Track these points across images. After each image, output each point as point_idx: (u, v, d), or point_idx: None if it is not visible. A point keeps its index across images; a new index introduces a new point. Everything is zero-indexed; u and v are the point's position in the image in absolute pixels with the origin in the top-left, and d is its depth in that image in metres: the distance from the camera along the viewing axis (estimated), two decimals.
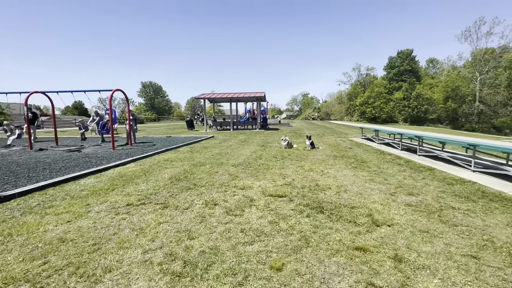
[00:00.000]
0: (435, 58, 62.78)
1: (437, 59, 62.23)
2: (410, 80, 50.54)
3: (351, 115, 56.32)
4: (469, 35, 45.84)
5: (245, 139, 12.59)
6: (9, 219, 3.14)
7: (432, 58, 63.41)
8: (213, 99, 20.14)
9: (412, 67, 52.33)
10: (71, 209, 3.44)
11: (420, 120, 49.10)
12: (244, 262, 2.17)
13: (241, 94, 19.20)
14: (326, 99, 75.90)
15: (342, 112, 58.96)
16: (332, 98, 69.74)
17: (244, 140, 12.12)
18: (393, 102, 49.87)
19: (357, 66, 61.28)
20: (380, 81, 53.89)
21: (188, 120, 20.22)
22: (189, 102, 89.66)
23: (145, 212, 3.30)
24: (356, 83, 59.36)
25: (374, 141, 10.20)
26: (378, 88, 51.26)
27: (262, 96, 18.77)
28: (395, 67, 52.57)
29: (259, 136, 14.15)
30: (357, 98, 54.41)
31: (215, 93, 20.80)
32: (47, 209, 3.45)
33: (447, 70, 51.86)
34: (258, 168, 5.78)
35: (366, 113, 51.71)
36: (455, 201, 3.56)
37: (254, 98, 19.96)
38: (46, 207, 3.52)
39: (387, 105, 50.28)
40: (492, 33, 43.88)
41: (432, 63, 64.06)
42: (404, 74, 51.57)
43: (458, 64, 48.82)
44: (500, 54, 44.19)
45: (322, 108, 67.00)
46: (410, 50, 53.19)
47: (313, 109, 69.23)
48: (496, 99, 43.35)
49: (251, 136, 14.26)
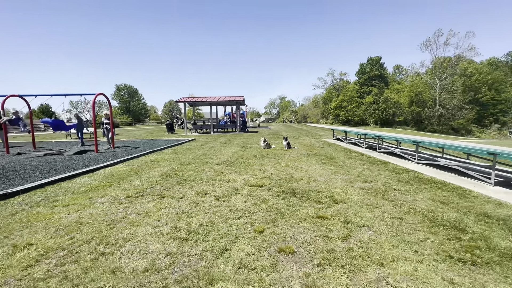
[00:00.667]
0: (401, 65, 67.80)
1: (402, 66, 67.24)
2: (379, 85, 54.05)
3: (326, 118, 58.89)
4: (429, 44, 50.27)
5: (226, 141, 13.20)
6: (21, 211, 3.53)
7: (398, 65, 68.31)
8: (193, 102, 20.50)
9: (381, 73, 56.08)
10: (76, 201, 3.88)
11: (389, 122, 52.60)
12: (234, 230, 2.84)
13: (221, 98, 19.77)
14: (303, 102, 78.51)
15: (318, 115, 61.41)
16: (308, 102, 72.35)
17: (225, 142, 12.73)
18: (365, 106, 53.06)
19: (331, 71, 64.37)
20: (352, 86, 57.04)
21: (168, 123, 20.36)
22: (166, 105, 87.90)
23: (145, 202, 3.85)
24: (331, 88, 62.24)
25: (343, 141, 11.33)
26: (351, 93, 54.28)
27: (242, 100, 19.50)
28: (366, 72, 55.99)
29: (239, 138, 14.83)
30: (332, 101, 57.12)
31: (195, 97, 21.16)
32: (53, 202, 3.86)
33: (411, 76, 56.27)
34: (241, 166, 6.47)
35: (340, 116, 54.44)
36: (398, 185, 4.52)
37: (234, 102, 20.62)
38: (52, 201, 3.93)
39: (359, 109, 53.36)
40: (448, 44, 48.50)
41: (398, 70, 69.07)
42: (374, 80, 55.05)
43: (420, 71, 53.14)
44: (456, 63, 48.83)
45: (299, 111, 69.20)
46: (379, 57, 56.91)
47: (291, 113, 71.25)
48: (453, 103, 47.74)
49: (232, 138, 14.90)
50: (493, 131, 49.82)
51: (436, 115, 48.70)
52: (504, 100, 52.02)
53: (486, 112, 51.76)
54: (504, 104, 52.03)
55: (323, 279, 1.97)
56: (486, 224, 2.86)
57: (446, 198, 3.77)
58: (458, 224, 2.88)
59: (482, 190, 4.03)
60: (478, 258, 2.21)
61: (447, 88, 48.34)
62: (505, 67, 58.63)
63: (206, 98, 19.92)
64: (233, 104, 23.00)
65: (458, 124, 48.38)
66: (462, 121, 48.06)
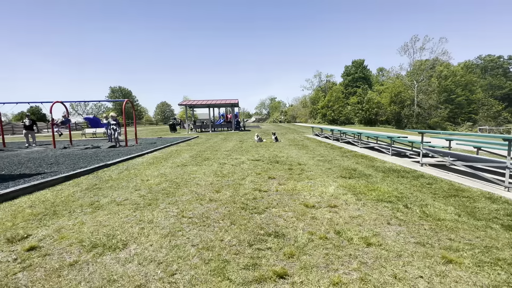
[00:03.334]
0: (384, 67, 72.09)
1: (385, 68, 71.51)
2: (363, 86, 57.77)
3: (314, 118, 62.30)
4: (407, 49, 54.36)
5: (225, 137, 15.99)
6: (125, 170, 6.21)
7: (381, 67, 72.52)
8: (194, 105, 23.14)
9: (364, 74, 59.92)
10: (149, 168, 6.59)
11: (372, 121, 56.35)
12: (245, 173, 5.66)
13: (218, 101, 22.52)
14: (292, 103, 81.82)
15: (306, 115, 64.76)
16: (297, 102, 75.70)
17: (224, 138, 15.51)
18: (350, 106, 56.70)
19: (318, 73, 67.87)
20: (338, 87, 60.65)
21: (171, 123, 22.93)
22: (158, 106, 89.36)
23: (191, 167, 6.59)
24: (318, 89, 65.72)
25: (319, 136, 14.34)
26: (336, 93, 57.83)
27: (236, 102, 22.31)
28: (350, 74, 59.69)
29: (235, 135, 17.64)
30: (319, 102, 60.55)
31: (194, 100, 23.81)
32: (136, 168, 6.55)
33: (392, 78, 60.41)
34: (242, 151, 9.29)
35: (327, 115, 57.93)
36: (340, 157, 7.46)
37: (229, 104, 23.40)
38: (134, 168, 6.61)
39: (344, 109, 56.97)
40: (424, 48, 52.60)
41: (381, 71, 73.34)
42: (359, 81, 58.77)
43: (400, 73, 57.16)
44: (431, 66, 53.00)
45: (288, 111, 72.40)
46: (362, 60, 60.71)
47: (280, 113, 74.29)
48: (429, 103, 51.85)
49: (229, 135, 17.69)
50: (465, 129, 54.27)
51: (414, 114, 52.67)
52: (476, 100, 56.86)
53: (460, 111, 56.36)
54: (476, 104, 56.88)
55: (286, 184, 4.80)
56: (369, 169, 5.79)
57: (360, 161, 6.73)
58: (355, 169, 5.80)
59: (384, 158, 7.01)
60: (351, 177, 5.11)
61: (423, 89, 52.33)
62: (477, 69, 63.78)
63: (205, 101, 22.61)
64: (229, 106, 25.76)
65: (434, 123, 52.62)
66: (437, 119, 52.33)
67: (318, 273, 2.03)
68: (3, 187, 4.44)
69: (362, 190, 4.17)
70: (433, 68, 53.32)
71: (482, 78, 62.32)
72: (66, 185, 4.97)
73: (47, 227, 3.00)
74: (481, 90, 57.94)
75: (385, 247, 2.40)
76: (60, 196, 4.22)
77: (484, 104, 56.88)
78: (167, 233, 2.81)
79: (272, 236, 2.68)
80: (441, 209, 3.28)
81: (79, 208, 3.62)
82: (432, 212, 3.17)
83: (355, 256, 2.28)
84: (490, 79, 62.76)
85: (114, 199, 4.00)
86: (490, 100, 57.25)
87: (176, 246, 2.51)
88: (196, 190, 4.45)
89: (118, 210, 3.54)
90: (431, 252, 2.30)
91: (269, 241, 2.57)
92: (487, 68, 64.92)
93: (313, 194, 4.05)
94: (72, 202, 3.89)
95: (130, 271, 2.12)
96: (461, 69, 60.44)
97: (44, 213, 3.45)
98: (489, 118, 55.56)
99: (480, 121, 55.07)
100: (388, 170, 5.66)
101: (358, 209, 3.39)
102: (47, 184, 4.83)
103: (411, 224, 2.90)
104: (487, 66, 64.92)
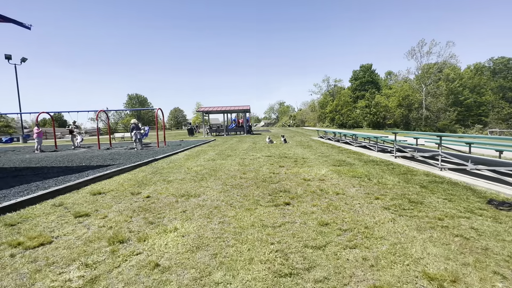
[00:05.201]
0: (392, 71, 72.79)
1: (393, 71, 72.21)
2: (371, 90, 58.80)
3: (322, 122, 63.71)
4: (414, 53, 55.22)
5: (239, 140, 18.01)
6: (170, 163, 8.25)
7: (390, 71, 73.27)
8: (209, 111, 25.39)
9: (372, 78, 60.97)
10: (187, 162, 8.61)
11: (380, 125, 57.17)
12: (261, 164, 7.58)
13: (231, 107, 24.68)
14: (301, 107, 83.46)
15: (315, 119, 66.22)
16: (306, 107, 77.27)
17: (239, 140, 17.54)
18: (358, 110, 57.80)
19: (326, 77, 69.24)
20: (346, 91, 61.91)
21: (189, 128, 25.24)
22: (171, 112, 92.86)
23: (219, 160, 8.58)
24: (326, 93, 67.12)
25: (323, 138, 16.14)
26: (345, 98, 59.11)
27: (248, 108, 24.40)
28: (358, 78, 60.89)
29: (248, 138, 19.65)
30: (327, 106, 61.94)
31: (210, 107, 26.07)
32: (176, 162, 8.58)
33: (400, 82, 61.18)
34: (257, 150, 11.24)
35: (335, 119, 59.24)
36: (337, 153, 9.27)
37: (242, 110, 25.51)
38: (174, 162, 8.65)
39: (353, 112, 58.12)
40: (431, 52, 53.39)
41: (390, 75, 74.02)
42: (366, 85, 59.84)
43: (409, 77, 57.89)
44: (439, 69, 53.58)
45: (297, 116, 74.04)
46: (370, 64, 61.82)
47: (289, 117, 76.03)
48: (437, 106, 52.30)
49: (242, 138, 19.72)
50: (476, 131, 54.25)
51: (423, 117, 53.19)
52: (486, 103, 56.84)
53: (469, 113, 56.44)
54: (485, 106, 56.84)
55: (292, 169, 6.68)
56: (355, 161, 7.60)
57: (351, 155, 8.54)
58: (344, 160, 7.62)
59: (370, 153, 8.79)
60: (340, 165, 6.94)
61: (432, 92, 52.82)
62: (488, 72, 63.64)
63: (220, 107, 24.80)
64: (241, 112, 27.87)
65: (442, 125, 52.97)
66: (446, 121, 52.66)
67: (306, 204, 3.93)
68: (103, 171, 6.56)
69: (344, 172, 6.02)
70: (441, 72, 53.87)
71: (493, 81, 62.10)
72: (136, 171, 7.05)
73: (147, 189, 5.03)
74: (491, 92, 57.83)
75: (345, 195, 4.28)
76: (138, 176, 6.28)
77: (494, 107, 56.76)
78: (220, 190, 4.78)
79: (282, 191, 4.60)
80: (390, 179, 5.11)
81: (158, 182, 5.65)
82: (383, 181, 5.01)
83: (328, 197, 4.16)
84: (501, 81, 62.44)
85: (176, 178, 6.01)
86: (501, 102, 57.06)
87: (228, 195, 4.47)
88: (229, 173, 6.42)
89: (183, 182, 5.55)
90: (370, 196, 4.16)
91: (280, 194, 4.49)
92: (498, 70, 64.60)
93: (309, 174, 5.94)
94: (150, 179, 5.93)
95: (208, 204, 4.08)
96: (470, 71, 60.53)
97: (138, 184, 5.49)
98: (499, 121, 55.32)
99: (491, 124, 54.94)
100: (369, 161, 7.47)
101: (337, 180, 5.25)
102: (125, 170, 6.94)
103: (367, 186, 4.75)
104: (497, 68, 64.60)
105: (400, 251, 2.43)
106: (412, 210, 3.47)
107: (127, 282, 2.08)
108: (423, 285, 1.94)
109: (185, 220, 3.39)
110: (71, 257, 2.50)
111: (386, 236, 2.75)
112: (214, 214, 3.58)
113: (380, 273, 2.10)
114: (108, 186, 5.30)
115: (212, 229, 3.08)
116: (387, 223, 3.08)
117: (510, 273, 2.05)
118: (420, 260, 2.26)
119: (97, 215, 3.66)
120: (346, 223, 3.12)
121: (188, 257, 2.44)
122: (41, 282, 2.11)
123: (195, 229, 3.10)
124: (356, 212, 3.49)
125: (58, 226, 3.27)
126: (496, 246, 2.47)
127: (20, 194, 4.52)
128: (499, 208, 3.38)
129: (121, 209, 3.88)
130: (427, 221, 3.10)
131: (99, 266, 2.33)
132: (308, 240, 2.71)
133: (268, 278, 2.08)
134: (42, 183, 5.37)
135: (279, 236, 2.83)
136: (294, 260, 2.34)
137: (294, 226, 3.11)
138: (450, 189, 4.39)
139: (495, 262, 2.21)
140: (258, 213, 3.55)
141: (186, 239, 2.81)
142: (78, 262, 2.40)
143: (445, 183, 4.77)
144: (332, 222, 3.17)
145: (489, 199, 3.70)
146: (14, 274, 2.23)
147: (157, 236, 2.91)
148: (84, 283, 2.08)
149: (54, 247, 2.72)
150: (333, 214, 3.44)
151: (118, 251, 2.58)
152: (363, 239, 2.69)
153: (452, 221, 3.08)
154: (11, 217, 3.61)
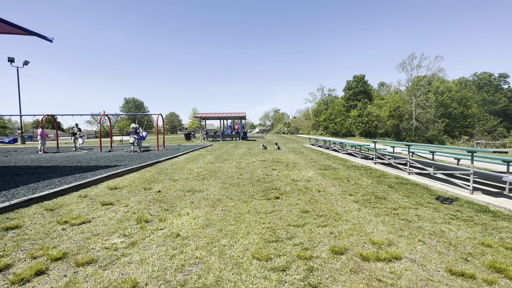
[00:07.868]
0: (384, 82, 75.15)
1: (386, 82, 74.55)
2: (363, 100, 60.60)
3: (316, 130, 65.11)
4: (405, 66, 57.44)
5: (235, 145, 18.84)
6: (173, 164, 9.02)
7: (382, 82, 75.58)
8: (206, 117, 26.22)
9: (365, 89, 62.86)
10: (187, 164, 9.38)
11: (372, 134, 58.76)
12: (256, 168, 8.42)
13: (227, 114, 25.56)
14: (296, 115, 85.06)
15: (309, 127, 67.62)
16: (301, 114, 78.79)
17: (235, 146, 18.36)
18: (351, 119, 59.42)
19: (320, 87, 71.09)
20: (340, 101, 63.62)
21: (186, 133, 25.96)
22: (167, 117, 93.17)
23: (218, 163, 9.38)
24: (320, 102, 68.79)
25: (314, 146, 17.10)
26: (338, 107, 60.74)
27: (244, 115, 25.33)
28: (352, 88, 62.71)
29: (243, 144, 20.49)
30: (321, 115, 63.46)
31: (207, 113, 26.91)
32: (177, 164, 9.35)
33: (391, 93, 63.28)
34: (252, 155, 12.08)
35: (328, 128, 60.70)
36: (325, 159, 10.18)
37: (238, 117, 26.42)
38: (176, 164, 9.42)
39: (346, 121, 59.69)
40: (421, 66, 55.60)
41: (382, 86, 76.35)
42: (359, 95, 61.62)
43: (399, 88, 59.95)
44: (428, 82, 55.76)
45: (292, 123, 75.41)
46: (363, 75, 63.82)
47: (284, 124, 77.33)
48: (426, 117, 54.21)
49: (238, 144, 20.56)
50: (462, 142, 56.24)
51: (413, 128, 55.01)
52: (472, 115, 59.26)
53: (456, 124, 58.67)
54: (471, 118, 59.25)
55: (283, 172, 7.54)
56: (339, 166, 8.51)
57: (337, 161, 9.46)
58: (330, 165, 8.52)
59: (354, 160, 9.74)
60: (325, 169, 7.84)
61: (421, 104, 54.79)
62: (472, 86, 66.44)
63: (217, 114, 25.66)
64: (237, 119, 28.77)
65: (431, 136, 54.88)
66: (434, 132, 54.59)
67: (292, 198, 4.78)
68: (113, 170, 7.30)
69: (328, 175, 6.91)
70: (430, 84, 56.04)
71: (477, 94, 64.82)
72: (143, 171, 7.80)
73: (157, 186, 5.81)
74: (476, 105, 60.37)
75: (326, 192, 5.15)
76: (146, 175, 7.04)
77: (480, 119, 59.21)
78: (220, 187, 5.60)
79: (273, 189, 5.44)
80: (365, 181, 6.02)
81: (165, 180, 6.43)
82: (359, 182, 5.91)
83: (311, 194, 5.03)
84: (484, 95, 65.25)
85: (181, 177, 6.80)
86: (485, 115, 59.58)
87: (227, 191, 5.29)
88: (227, 174, 7.24)
89: (187, 180, 6.34)
90: (346, 193, 5.04)
91: (271, 190, 5.33)
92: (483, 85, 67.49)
93: (298, 176, 6.80)
94: (157, 178, 6.69)
95: (211, 197, 4.89)
96: (455, 85, 63.09)
97: (147, 182, 6.25)
98: (485, 133, 57.62)
99: (477, 135, 57.18)
100: (352, 166, 8.39)
101: (321, 181, 6.13)
102: (133, 170, 7.69)
103: (345, 186, 5.64)
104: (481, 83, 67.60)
105: (357, 228, 3.30)
106: (376, 203, 4.36)
107: (159, 244, 2.88)
108: (368, 247, 2.80)
109: (194, 208, 4.20)
110: (110, 230, 3.28)
111: (350, 220, 3.61)
112: (217, 204, 4.40)
113: (340, 241, 2.96)
114: (122, 183, 6.05)
115: (217, 214, 3.89)
116: (353, 212, 3.95)
117: (430, 241, 2.93)
118: (370, 234, 3.13)
119: (120, 204, 4.43)
120: (322, 211, 3.98)
121: (200, 231, 3.25)
122: (93, 244, 2.89)
123: (203, 214, 3.91)
124: (332, 204, 4.36)
125: (91, 211, 4.04)
126: (427, 226, 3.36)
127: (47, 188, 5.24)
128: (443, 203, 4.29)
129: (138, 200, 4.66)
130: (384, 211, 3.98)
131: (134, 235, 3.13)
132: (291, 222, 3.55)
133: (261, 243, 2.90)
134: (63, 179, 6.09)
135: (269, 219, 3.67)
136: (280, 233, 3.18)
137: (281, 213, 3.95)
138: (411, 188, 5.31)
139: (422, 235, 3.10)
140: (253, 204, 4.38)
141: (197, 221, 3.62)
142: (117, 233, 3.19)
143: (409, 184, 5.71)
144: (311, 210, 4.03)
145: (438, 196, 4.63)
146: (72, 240, 3.00)
147: (174, 218, 3.71)
148: (127, 245, 2.88)
149: (94, 224, 3.49)
150: (313, 205, 4.30)
151: (146, 227, 3.38)
152: (333, 221, 3.55)
153: (403, 211, 3.97)
154: (48, 204, 4.35)
